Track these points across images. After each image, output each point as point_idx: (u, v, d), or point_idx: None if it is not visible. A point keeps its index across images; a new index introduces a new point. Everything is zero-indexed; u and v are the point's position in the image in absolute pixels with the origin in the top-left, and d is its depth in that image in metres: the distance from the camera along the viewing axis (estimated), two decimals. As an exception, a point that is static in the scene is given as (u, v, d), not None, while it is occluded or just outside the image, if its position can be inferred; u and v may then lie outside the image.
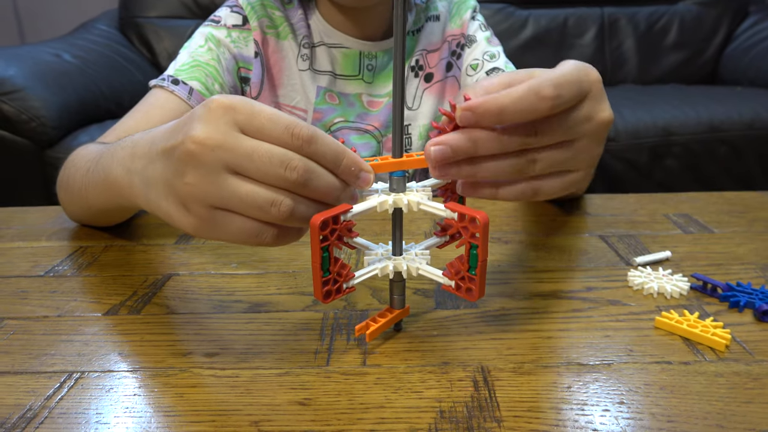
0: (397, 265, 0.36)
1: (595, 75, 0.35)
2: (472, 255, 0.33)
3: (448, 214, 0.33)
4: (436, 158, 0.33)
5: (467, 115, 0.32)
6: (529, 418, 0.31)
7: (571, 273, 0.47)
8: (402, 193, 0.35)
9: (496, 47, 0.76)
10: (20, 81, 1.46)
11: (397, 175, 0.35)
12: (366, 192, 0.36)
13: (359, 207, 0.34)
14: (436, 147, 0.32)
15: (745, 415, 0.31)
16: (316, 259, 0.32)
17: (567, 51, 2.11)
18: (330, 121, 0.73)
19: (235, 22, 0.69)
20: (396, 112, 0.34)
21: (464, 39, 0.76)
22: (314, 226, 0.31)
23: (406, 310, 0.39)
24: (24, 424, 0.31)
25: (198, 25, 0.73)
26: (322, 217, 0.31)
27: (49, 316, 0.42)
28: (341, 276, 0.34)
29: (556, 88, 0.31)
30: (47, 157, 1.48)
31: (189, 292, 0.45)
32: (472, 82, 0.74)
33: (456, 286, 0.34)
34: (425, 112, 0.75)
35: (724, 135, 1.57)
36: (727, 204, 0.63)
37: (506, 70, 0.74)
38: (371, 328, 0.36)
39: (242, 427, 0.30)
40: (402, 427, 0.30)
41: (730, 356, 0.36)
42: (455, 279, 0.34)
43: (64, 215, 0.60)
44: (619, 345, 0.37)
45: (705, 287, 0.44)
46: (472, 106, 0.31)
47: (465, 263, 0.33)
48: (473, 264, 0.33)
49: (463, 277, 0.34)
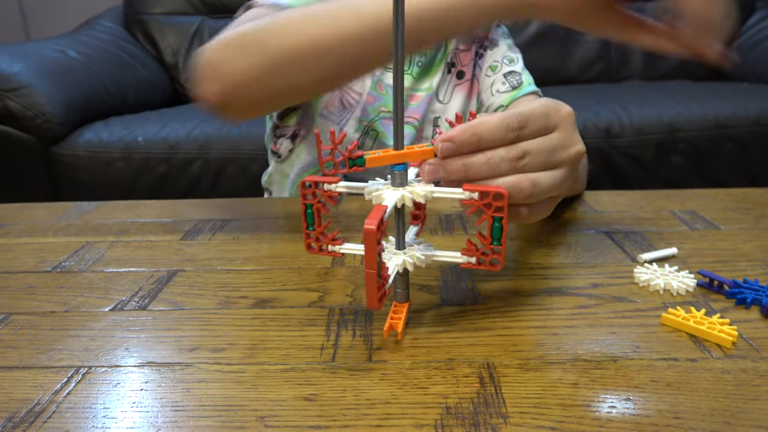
0: (405, 260, 0.37)
1: (566, 110, 0.39)
2: (496, 227, 0.34)
3: (468, 195, 0.34)
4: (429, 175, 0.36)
5: (448, 146, 0.35)
6: (535, 415, 0.31)
7: (577, 269, 0.47)
8: (410, 186, 0.36)
9: (516, 54, 0.79)
10: (26, 77, 1.46)
11: (399, 169, 0.35)
12: (373, 191, 0.36)
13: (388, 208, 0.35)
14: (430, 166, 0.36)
15: (752, 411, 0.31)
16: (372, 265, 0.33)
17: (572, 47, 2.10)
18: (377, 108, 0.76)
19: None
20: (396, 104, 0.34)
21: (488, 41, 0.79)
22: (371, 234, 0.32)
23: (409, 302, 0.40)
24: (32, 419, 0.31)
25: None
26: (375, 222, 0.32)
27: (56, 312, 0.42)
28: (384, 278, 0.35)
29: (522, 120, 0.36)
30: (53, 154, 1.49)
31: (195, 288, 0.45)
32: (489, 82, 0.78)
33: (478, 261, 0.36)
34: (455, 106, 0.78)
35: (731, 131, 1.56)
36: (734, 200, 0.62)
37: (523, 75, 0.77)
38: (399, 326, 0.37)
39: (248, 422, 0.30)
40: (408, 422, 0.30)
41: (737, 353, 0.36)
42: (477, 255, 0.36)
43: (71, 211, 0.61)
44: (625, 341, 0.37)
45: (711, 284, 0.44)
46: (451, 136, 0.35)
47: (488, 237, 0.35)
48: (497, 235, 0.35)
49: (486, 251, 0.35)
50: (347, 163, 0.36)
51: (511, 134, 0.36)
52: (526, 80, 0.76)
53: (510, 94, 0.75)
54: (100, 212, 0.63)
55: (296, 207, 0.64)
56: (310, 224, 0.37)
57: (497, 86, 0.76)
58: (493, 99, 0.76)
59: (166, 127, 1.54)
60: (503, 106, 0.75)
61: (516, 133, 0.36)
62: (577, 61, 2.10)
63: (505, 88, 0.75)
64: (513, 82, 0.75)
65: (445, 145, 0.35)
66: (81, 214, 0.62)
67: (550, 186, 0.37)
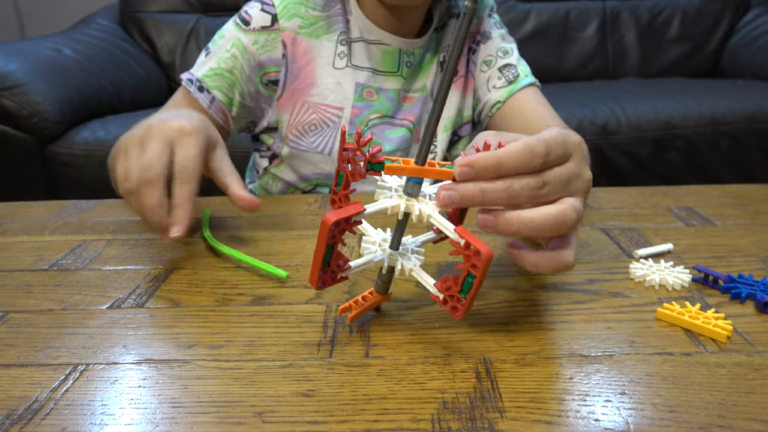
0: (392, 261, 0.37)
1: (577, 138, 0.38)
2: (467, 282, 0.33)
3: (456, 237, 0.33)
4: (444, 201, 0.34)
5: (466, 170, 0.34)
6: (531, 409, 0.31)
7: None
8: (415, 200, 0.35)
9: (510, 44, 0.78)
10: (21, 76, 1.46)
11: (415, 181, 0.35)
12: (380, 190, 0.36)
13: (372, 207, 0.34)
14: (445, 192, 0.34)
15: (746, 405, 0.31)
16: (320, 252, 0.33)
17: (569, 44, 2.10)
18: (366, 117, 0.74)
19: (263, 24, 0.70)
20: (431, 122, 0.33)
21: (480, 35, 0.78)
22: (327, 225, 0.32)
23: (388, 295, 0.40)
24: (30, 416, 0.31)
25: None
26: (335, 217, 0.32)
27: (53, 310, 0.42)
28: (339, 267, 0.35)
29: (547, 147, 0.35)
30: (49, 152, 1.49)
31: (193, 286, 0.45)
32: (485, 78, 0.77)
33: (444, 299, 0.35)
34: (449, 105, 0.77)
35: (726, 128, 1.56)
36: (730, 197, 0.63)
37: (518, 66, 0.76)
38: (353, 311, 0.38)
39: (246, 418, 0.31)
40: (405, 417, 0.30)
41: (732, 347, 0.36)
42: (445, 294, 0.35)
43: (68, 209, 0.60)
44: (621, 336, 0.37)
45: (707, 279, 0.44)
46: (471, 161, 0.34)
47: (459, 285, 0.34)
48: (466, 289, 0.34)
49: (453, 295, 0.34)
50: (366, 166, 0.35)
51: (536, 161, 0.35)
52: (522, 72, 0.75)
53: (507, 89, 0.74)
54: (96, 210, 0.63)
55: (294, 205, 0.64)
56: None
57: (493, 81, 0.76)
58: (490, 95, 0.76)
59: (162, 125, 1.53)
60: (500, 102, 0.74)
61: (542, 160, 0.35)
62: (574, 59, 2.11)
63: (501, 83, 0.75)
64: (509, 76, 0.75)
65: (463, 170, 0.34)
66: (78, 213, 0.62)
67: (580, 213, 0.36)
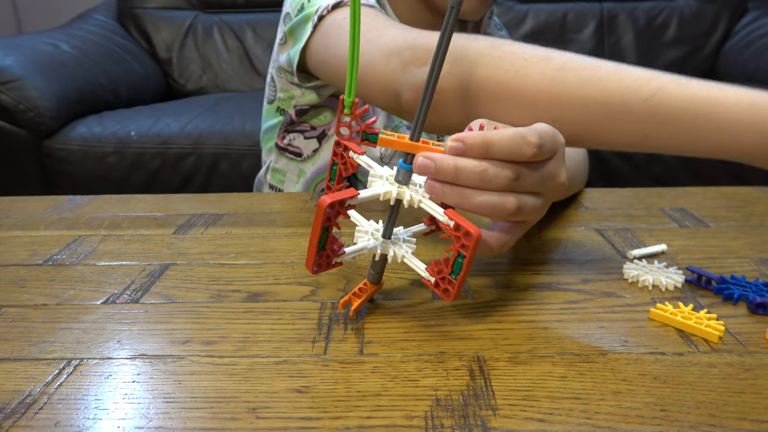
0: (384, 248, 0.38)
1: (562, 139, 0.38)
2: (458, 262, 0.34)
3: (446, 220, 0.34)
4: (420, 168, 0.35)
5: (456, 145, 0.34)
6: (524, 407, 0.31)
7: (568, 265, 0.48)
8: (406, 187, 0.36)
9: None
10: (18, 71, 1.45)
11: (406, 168, 0.36)
12: (372, 177, 0.37)
13: (364, 194, 0.35)
14: (423, 159, 0.35)
15: (737, 404, 0.31)
16: (315, 235, 0.34)
17: (566, 46, 2.10)
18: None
19: None
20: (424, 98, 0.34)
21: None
22: (322, 206, 0.33)
23: (380, 284, 0.41)
24: (23, 410, 0.31)
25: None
26: (330, 200, 0.33)
27: (48, 304, 0.42)
28: (333, 252, 0.36)
29: (540, 138, 0.35)
30: (45, 148, 1.48)
31: (187, 282, 0.45)
32: None
33: (435, 283, 0.36)
34: None
35: (722, 131, 1.57)
36: (724, 199, 0.63)
37: None
38: (355, 304, 0.39)
39: (240, 413, 0.31)
40: (398, 414, 0.30)
41: (724, 348, 0.36)
42: (436, 277, 0.36)
43: (63, 205, 0.60)
44: (613, 336, 0.38)
45: (699, 280, 0.44)
46: (463, 137, 0.34)
47: (449, 267, 0.35)
48: (456, 270, 0.35)
49: (444, 277, 0.35)
50: (361, 135, 0.36)
51: (527, 150, 0.34)
52: None
53: None
54: (92, 206, 0.62)
55: (289, 202, 0.64)
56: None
57: None
58: None
59: (159, 121, 1.53)
60: None
61: (533, 150, 0.35)
62: (571, 60, 2.11)
63: None
64: None
65: (454, 145, 0.34)
66: (73, 208, 0.62)
67: (530, 211, 0.37)
